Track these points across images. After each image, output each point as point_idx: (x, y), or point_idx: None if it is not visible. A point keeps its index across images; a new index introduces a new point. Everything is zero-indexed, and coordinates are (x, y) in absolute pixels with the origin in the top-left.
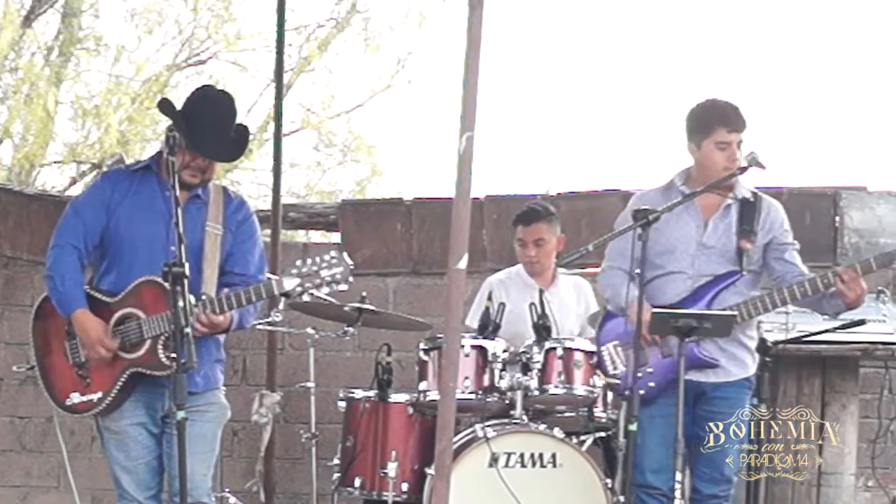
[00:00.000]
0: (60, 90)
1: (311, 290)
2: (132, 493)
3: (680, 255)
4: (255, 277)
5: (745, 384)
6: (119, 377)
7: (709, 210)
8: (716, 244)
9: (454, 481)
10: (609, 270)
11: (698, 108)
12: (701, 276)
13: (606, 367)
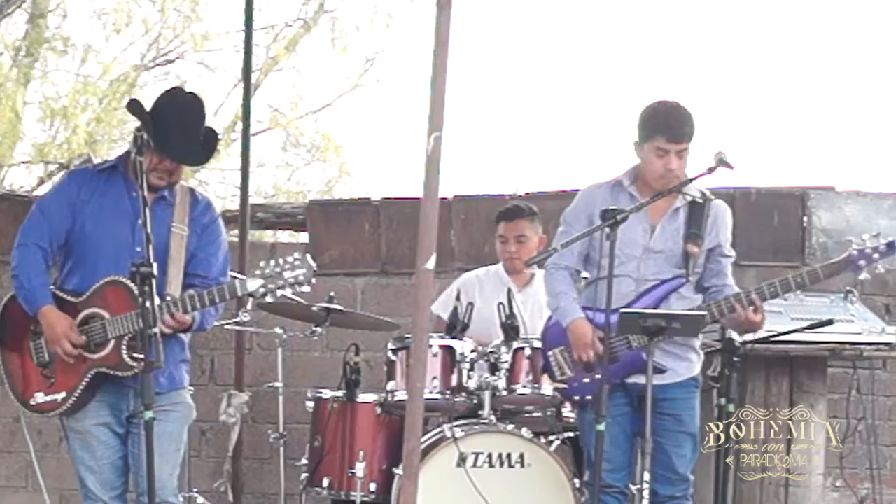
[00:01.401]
0: (28, 90)
1: (274, 292)
2: (97, 493)
3: (625, 258)
4: (217, 280)
5: (692, 383)
6: (83, 377)
7: (657, 213)
8: (662, 248)
9: (422, 481)
10: (555, 272)
11: (646, 110)
12: (645, 280)
13: (554, 372)
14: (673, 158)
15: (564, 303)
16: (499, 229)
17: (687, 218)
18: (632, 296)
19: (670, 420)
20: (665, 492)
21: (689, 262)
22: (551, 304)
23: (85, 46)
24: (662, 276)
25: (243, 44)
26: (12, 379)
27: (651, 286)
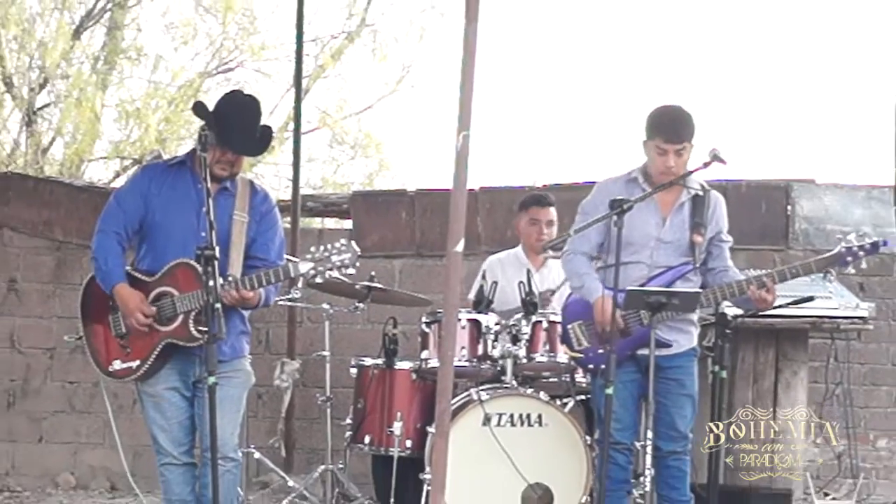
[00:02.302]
0: (106, 95)
1: (323, 273)
2: (168, 449)
3: (640, 247)
4: (275, 262)
5: (692, 353)
6: (155, 347)
7: (666, 206)
8: (672, 239)
9: (452, 439)
10: (573, 256)
11: (652, 112)
12: (657, 267)
13: (572, 343)
14: (671, 157)
15: (588, 281)
16: (530, 213)
17: (691, 210)
18: (644, 280)
19: (673, 384)
20: (667, 447)
21: (695, 251)
22: (575, 283)
23: (156, 56)
24: (672, 264)
25: (294, 53)
26: (93, 349)
27: (660, 272)
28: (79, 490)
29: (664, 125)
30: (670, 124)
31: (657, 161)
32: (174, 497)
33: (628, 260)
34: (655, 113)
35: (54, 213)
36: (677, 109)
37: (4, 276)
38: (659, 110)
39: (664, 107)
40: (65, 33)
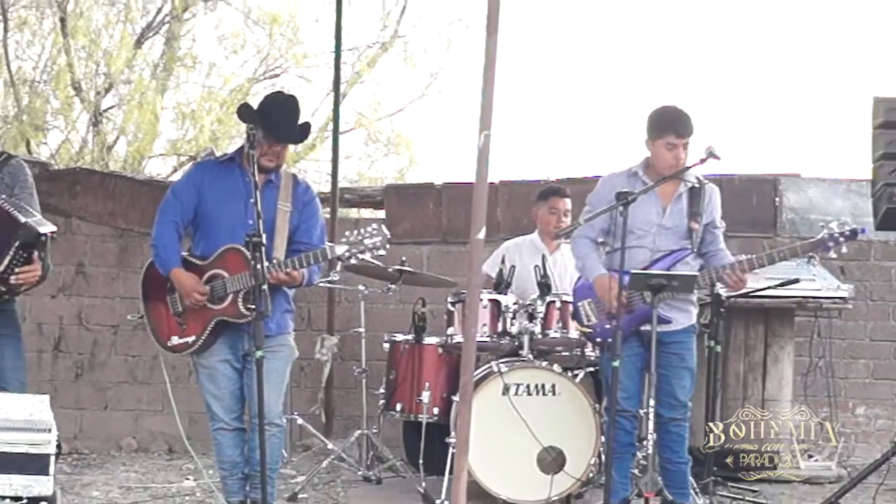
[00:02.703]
0: (164, 98)
1: (357, 255)
2: (220, 415)
3: (643, 233)
4: (317, 246)
5: (692, 329)
6: (208, 324)
7: (666, 197)
8: (672, 226)
9: (475, 406)
10: (579, 240)
11: (656, 111)
12: (658, 251)
13: (582, 319)
14: (681, 150)
15: (590, 262)
16: (550, 203)
17: (689, 200)
18: (647, 262)
19: (674, 358)
20: (668, 415)
21: (692, 236)
22: (578, 265)
23: (209, 63)
24: (672, 248)
25: (333, 61)
26: (153, 326)
27: (661, 255)
28: (140, 452)
29: (674, 122)
30: (679, 121)
31: (667, 156)
32: (226, 458)
33: (633, 244)
34: (661, 112)
35: (118, 204)
36: (678, 109)
37: (73, 261)
38: (663, 110)
39: (667, 107)
40: (127, 43)
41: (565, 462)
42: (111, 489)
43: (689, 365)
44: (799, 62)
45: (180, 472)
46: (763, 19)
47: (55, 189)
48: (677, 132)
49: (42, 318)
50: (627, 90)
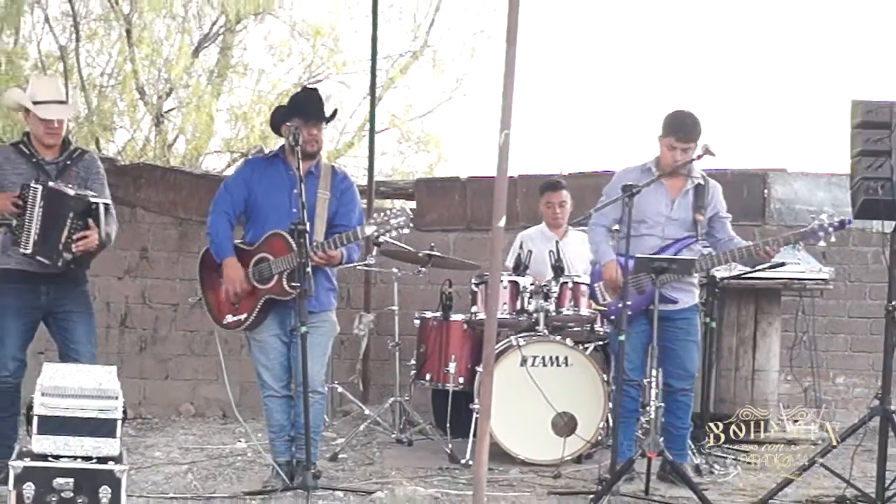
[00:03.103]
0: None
1: (384, 234)
2: (270, 383)
3: (653, 223)
4: (355, 227)
5: (695, 308)
6: (258, 303)
7: (675, 191)
8: (679, 217)
9: (496, 376)
10: (595, 228)
11: (669, 114)
12: (666, 238)
13: (598, 298)
14: (679, 153)
15: (602, 248)
16: (545, 197)
17: (694, 195)
18: (657, 248)
19: (681, 332)
20: (678, 385)
21: (697, 227)
22: (591, 249)
23: (259, 70)
24: (678, 236)
25: (370, 68)
26: (210, 306)
27: (669, 243)
28: (196, 417)
29: (677, 127)
30: (682, 127)
31: (667, 155)
32: (274, 422)
33: (644, 233)
34: (671, 116)
35: (177, 195)
36: (689, 115)
37: (137, 246)
38: (674, 114)
39: (679, 111)
40: (186, 52)
41: (577, 426)
42: (171, 450)
43: (694, 338)
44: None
45: (233, 434)
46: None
47: (121, 182)
48: (678, 136)
49: (110, 297)
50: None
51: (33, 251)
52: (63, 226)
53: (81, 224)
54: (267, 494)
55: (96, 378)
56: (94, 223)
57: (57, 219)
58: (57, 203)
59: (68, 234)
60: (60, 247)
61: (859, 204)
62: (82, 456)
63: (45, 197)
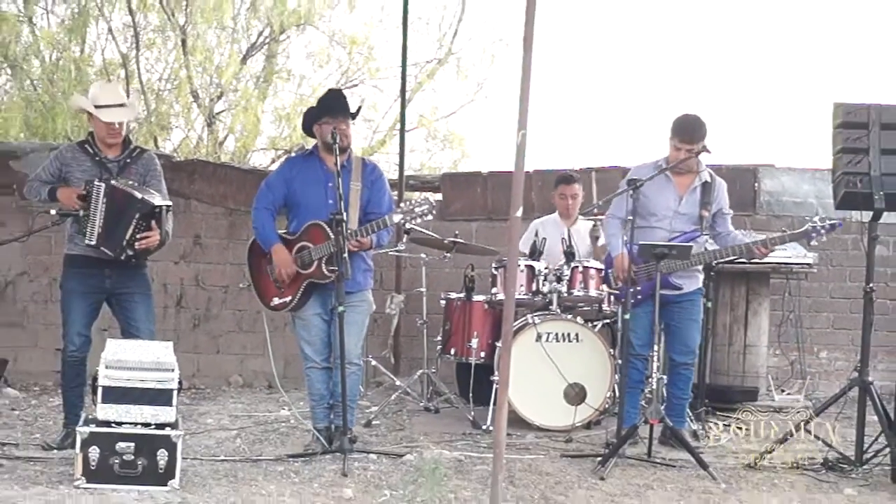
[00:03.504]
0: (264, 104)
1: (410, 220)
2: (312, 357)
3: (662, 217)
4: (386, 213)
5: (698, 292)
6: (301, 286)
7: (683, 187)
8: (686, 212)
9: (513, 351)
10: (611, 219)
11: (677, 117)
12: (674, 231)
13: (611, 283)
14: (683, 153)
15: (614, 241)
16: (559, 190)
17: (701, 192)
18: (665, 240)
19: (685, 313)
20: (680, 360)
21: (702, 221)
22: (605, 239)
23: (300, 76)
24: (685, 230)
25: (400, 74)
26: (259, 289)
27: (677, 235)
28: (244, 388)
29: (681, 130)
30: (686, 131)
31: (674, 154)
32: (315, 391)
33: (654, 225)
34: (679, 118)
35: (228, 188)
36: (694, 118)
37: (191, 234)
38: (680, 117)
39: (685, 115)
40: (235, 59)
41: (586, 395)
42: (222, 417)
43: (696, 319)
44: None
45: (277, 403)
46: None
47: (177, 177)
48: (682, 138)
49: (167, 280)
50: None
51: (97, 243)
52: (128, 225)
53: (145, 225)
54: (308, 457)
55: (154, 352)
56: (157, 225)
57: (122, 217)
58: (121, 201)
59: (133, 233)
60: (125, 243)
61: (840, 196)
62: (142, 422)
63: (108, 194)
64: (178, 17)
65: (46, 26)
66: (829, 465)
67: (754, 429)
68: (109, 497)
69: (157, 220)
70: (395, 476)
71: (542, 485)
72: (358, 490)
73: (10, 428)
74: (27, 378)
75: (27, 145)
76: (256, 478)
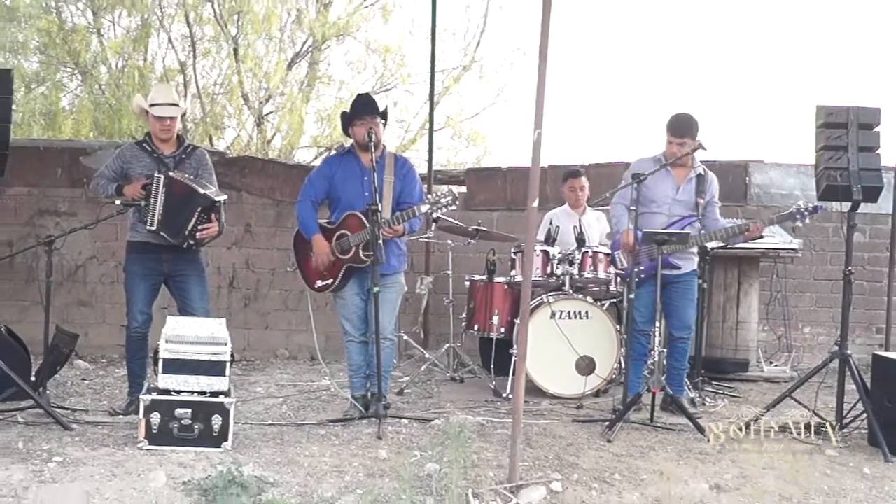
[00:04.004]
0: (308, 106)
1: (436, 210)
2: (351, 332)
3: (661, 203)
4: (417, 202)
5: (694, 273)
6: (340, 270)
7: (680, 178)
8: (683, 199)
9: (530, 327)
10: (616, 205)
11: (672, 115)
12: (672, 216)
13: (617, 264)
14: (675, 147)
15: (621, 220)
16: (568, 184)
17: (696, 183)
18: (664, 225)
19: (683, 292)
20: (678, 334)
21: (698, 208)
22: (613, 222)
23: (340, 81)
24: (683, 215)
25: (429, 79)
26: (304, 273)
27: (675, 220)
28: (290, 360)
29: (674, 126)
30: (678, 127)
31: (667, 147)
32: (353, 363)
33: (655, 211)
34: (673, 116)
35: (275, 182)
36: (685, 116)
37: (242, 223)
38: (675, 115)
39: (680, 113)
40: (281, 66)
41: (595, 367)
42: (270, 386)
43: (692, 298)
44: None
45: (319, 373)
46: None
47: (229, 171)
48: (674, 133)
49: (220, 263)
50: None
51: (158, 228)
52: (191, 216)
53: (206, 217)
54: (346, 422)
55: (209, 328)
56: (216, 217)
57: (183, 207)
58: (181, 192)
59: (195, 224)
60: (187, 233)
61: (822, 189)
62: (198, 391)
63: (167, 184)
64: (231, 29)
65: (113, 37)
66: (812, 429)
67: (745, 397)
68: (169, 457)
69: (216, 213)
70: (425, 438)
71: (556, 446)
72: (391, 451)
73: (81, 396)
74: (96, 351)
75: (96, 143)
76: (300, 440)
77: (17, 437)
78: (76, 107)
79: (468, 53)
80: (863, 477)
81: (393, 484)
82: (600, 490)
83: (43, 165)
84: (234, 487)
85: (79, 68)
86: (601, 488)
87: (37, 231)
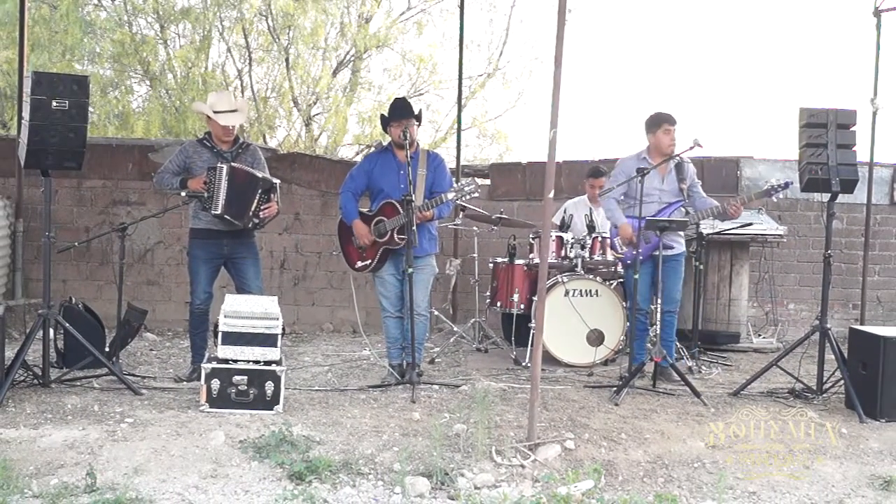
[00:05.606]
0: (350, 108)
1: (461, 197)
2: (388, 308)
3: (651, 194)
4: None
5: (683, 254)
6: (378, 252)
7: (663, 170)
8: (668, 188)
9: (546, 303)
10: (608, 200)
11: (652, 114)
12: (662, 202)
13: (617, 249)
14: (673, 133)
15: (617, 214)
16: (590, 181)
17: (676, 172)
18: (656, 211)
19: (672, 271)
20: (666, 307)
21: (683, 193)
22: (608, 215)
23: (378, 86)
24: (671, 201)
25: (458, 85)
26: (347, 256)
27: (665, 206)
28: (334, 333)
29: (666, 116)
30: (668, 116)
31: (666, 139)
32: (390, 335)
33: (647, 201)
34: (655, 113)
35: (321, 175)
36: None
37: (292, 211)
38: (656, 112)
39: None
40: (327, 73)
41: (604, 339)
42: (316, 356)
43: (679, 276)
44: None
45: (360, 345)
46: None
47: (280, 166)
48: (669, 122)
49: (273, 247)
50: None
51: (223, 212)
52: (253, 198)
53: (266, 198)
54: (384, 387)
55: (263, 305)
56: (275, 198)
57: (246, 191)
58: (242, 178)
59: (257, 205)
60: (251, 213)
61: (805, 181)
62: (253, 360)
63: (229, 173)
64: (283, 40)
65: (178, 46)
66: (796, 393)
67: (737, 365)
68: (227, 419)
69: (274, 194)
70: (454, 402)
71: (570, 409)
72: (424, 413)
73: (149, 364)
74: (162, 325)
75: (162, 141)
76: (343, 404)
77: (93, 401)
78: (146, 109)
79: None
80: (840, 436)
81: (425, 442)
82: (608, 448)
83: (116, 161)
84: (284, 445)
85: (148, 75)
86: (609, 446)
87: (110, 219)
